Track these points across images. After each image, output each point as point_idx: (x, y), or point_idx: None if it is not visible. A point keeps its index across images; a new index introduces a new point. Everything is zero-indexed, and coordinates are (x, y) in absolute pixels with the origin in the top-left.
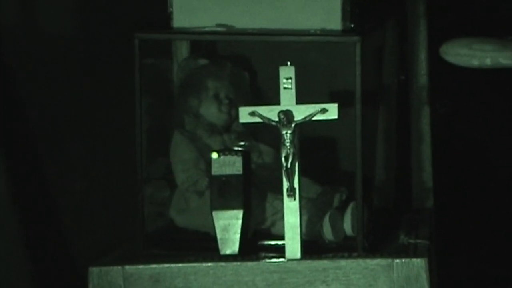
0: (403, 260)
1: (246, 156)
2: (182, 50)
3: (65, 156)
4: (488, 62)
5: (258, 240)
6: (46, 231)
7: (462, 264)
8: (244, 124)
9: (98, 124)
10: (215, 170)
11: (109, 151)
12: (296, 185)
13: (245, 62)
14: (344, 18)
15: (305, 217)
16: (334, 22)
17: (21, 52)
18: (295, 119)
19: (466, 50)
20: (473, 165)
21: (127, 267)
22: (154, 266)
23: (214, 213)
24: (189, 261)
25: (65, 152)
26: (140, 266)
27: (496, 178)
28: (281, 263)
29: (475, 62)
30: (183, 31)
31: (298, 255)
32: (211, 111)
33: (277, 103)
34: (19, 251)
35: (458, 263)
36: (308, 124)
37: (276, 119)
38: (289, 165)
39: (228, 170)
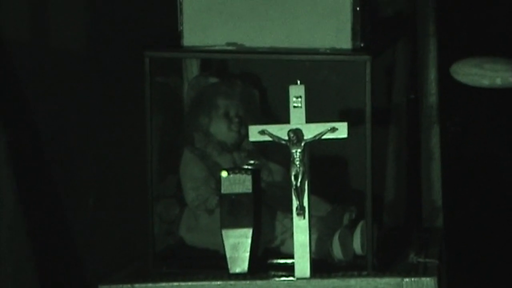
0: (413, 279)
1: (256, 174)
2: (192, 68)
3: (76, 174)
4: (498, 81)
5: (268, 259)
6: (57, 249)
7: (471, 283)
8: (254, 142)
9: (109, 142)
10: (225, 189)
11: (119, 168)
12: (305, 203)
13: (255, 80)
14: (354, 37)
15: (314, 236)
16: (344, 41)
17: (32, 69)
18: (305, 137)
19: (476, 70)
20: (483, 184)
21: (136, 285)
22: (163, 284)
23: (224, 232)
24: (198, 279)
25: (75, 170)
26: (150, 284)
27: (506, 197)
28: (290, 282)
29: (485, 82)
30: (194, 50)
31: (308, 274)
32: (221, 129)
33: (287, 121)
34: (29, 268)
35: (468, 283)
36: (318, 142)
37: (286, 138)
38: (298, 184)
39: (238, 189)
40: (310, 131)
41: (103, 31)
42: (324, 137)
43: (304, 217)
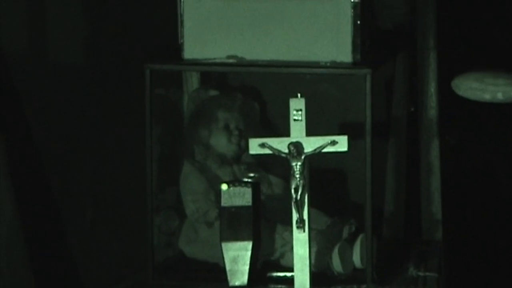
0: None
1: (255, 187)
2: (192, 81)
3: (75, 185)
4: (500, 96)
5: (267, 272)
6: (56, 261)
7: None
8: (254, 155)
9: (109, 153)
10: (225, 201)
11: (119, 180)
12: (305, 216)
13: (256, 93)
14: (354, 51)
15: (314, 249)
16: (345, 54)
17: (31, 81)
18: (305, 151)
19: (478, 84)
20: (482, 198)
21: None
22: None
23: (224, 244)
24: None
25: (75, 181)
26: None
27: (505, 211)
28: None
29: (486, 96)
30: (194, 62)
31: (307, 287)
32: (221, 142)
33: (287, 134)
34: (27, 281)
35: None
36: (318, 155)
37: (286, 151)
38: (298, 197)
39: (238, 202)
40: (310, 144)
41: (104, 43)
42: (324, 150)
43: (304, 230)
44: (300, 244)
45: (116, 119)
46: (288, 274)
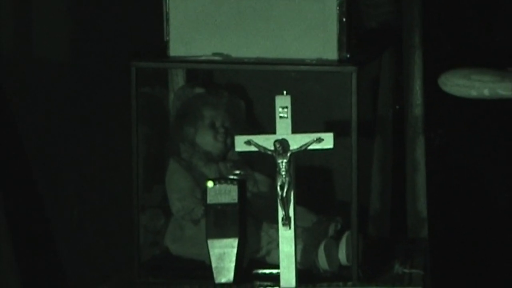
0: None
1: (241, 184)
2: (178, 78)
3: (61, 184)
4: (486, 92)
5: (253, 269)
6: (41, 259)
7: None
8: (239, 153)
9: (94, 152)
10: (211, 199)
11: (105, 178)
12: (291, 214)
13: (241, 91)
14: (340, 48)
15: (300, 246)
16: (331, 52)
17: (17, 79)
18: (291, 148)
19: (464, 81)
20: (468, 195)
21: None
22: None
23: (209, 242)
24: None
25: (60, 180)
26: None
27: (490, 208)
28: None
29: (473, 93)
30: (180, 60)
31: (293, 284)
32: (207, 140)
33: (273, 132)
34: (14, 280)
35: None
36: (303, 153)
37: (272, 148)
38: (284, 194)
39: (224, 199)
40: (296, 141)
41: (89, 42)
42: (310, 147)
43: (289, 228)
44: (286, 241)
45: (102, 117)
46: (274, 271)
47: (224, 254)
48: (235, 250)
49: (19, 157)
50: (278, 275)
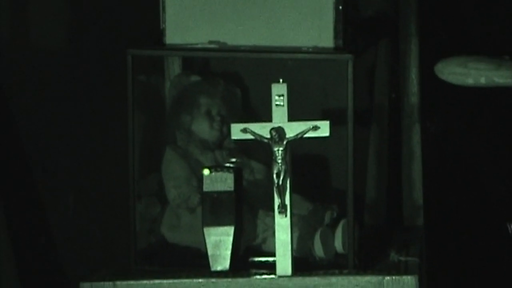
0: (394, 277)
1: (237, 172)
2: (174, 66)
3: (57, 172)
4: (482, 80)
5: (249, 257)
6: (38, 247)
7: (452, 282)
8: (236, 140)
9: (90, 140)
10: (207, 187)
11: (101, 166)
12: (287, 202)
13: (238, 79)
14: (336, 36)
15: (296, 234)
16: (327, 40)
17: (12, 68)
18: (287, 136)
19: (461, 69)
20: (464, 184)
21: (118, 282)
22: (145, 282)
23: (206, 230)
24: (180, 277)
25: (56, 168)
26: (132, 282)
27: (486, 197)
28: (272, 279)
29: (469, 81)
30: (176, 48)
31: (289, 272)
32: (203, 128)
33: (269, 120)
34: (10, 267)
35: (448, 281)
36: (300, 141)
37: (268, 136)
38: (280, 182)
39: (220, 187)
40: (292, 129)
41: (85, 29)
42: (306, 135)
43: (285, 216)
44: (282, 229)
45: (98, 105)
46: (270, 259)
47: (220, 242)
48: (231, 238)
49: (14, 143)
50: (274, 263)
